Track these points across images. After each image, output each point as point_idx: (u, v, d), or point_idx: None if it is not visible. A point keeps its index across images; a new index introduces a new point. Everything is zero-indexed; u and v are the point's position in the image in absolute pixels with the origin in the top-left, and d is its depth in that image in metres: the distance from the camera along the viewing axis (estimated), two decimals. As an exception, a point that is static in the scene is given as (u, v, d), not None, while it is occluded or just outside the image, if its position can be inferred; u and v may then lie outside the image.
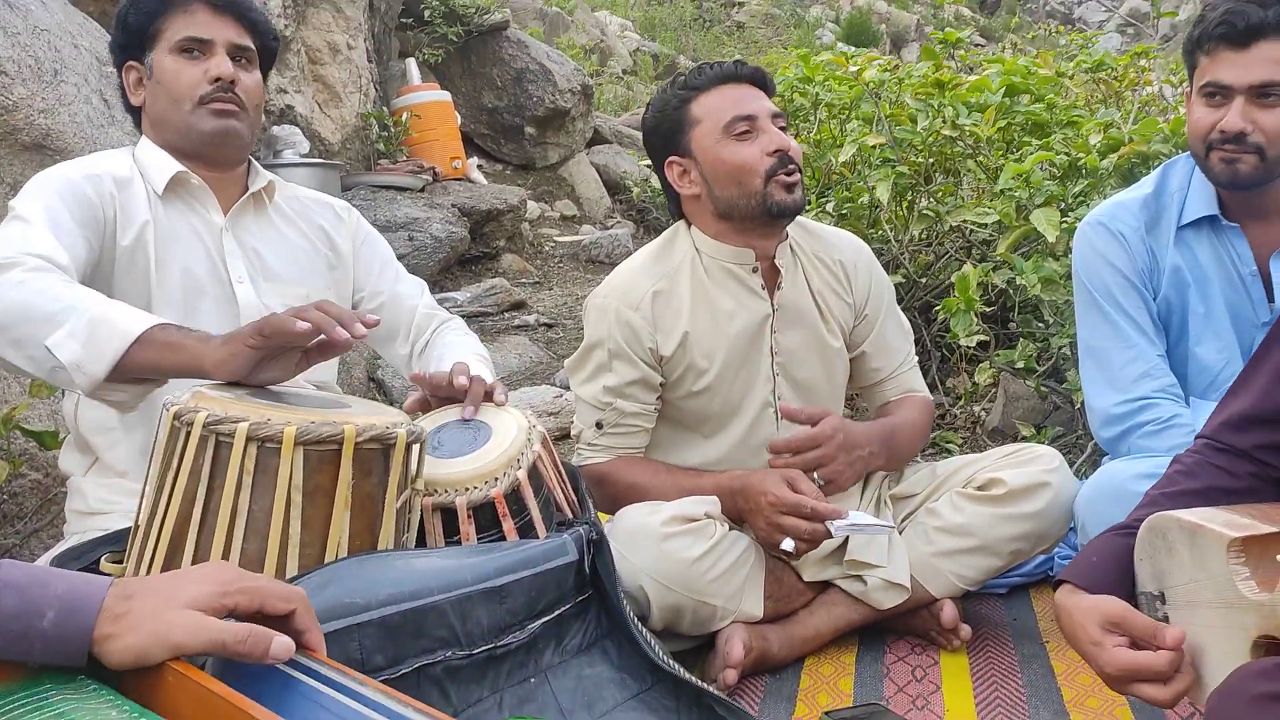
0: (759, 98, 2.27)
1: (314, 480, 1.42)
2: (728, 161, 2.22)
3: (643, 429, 2.32)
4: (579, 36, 12.09)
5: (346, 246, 2.24)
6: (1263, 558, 1.27)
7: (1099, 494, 2.11)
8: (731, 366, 2.30)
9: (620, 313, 2.26)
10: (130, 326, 1.59)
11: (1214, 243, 2.20)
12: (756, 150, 2.21)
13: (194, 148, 2.02)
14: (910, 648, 2.26)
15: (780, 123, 2.26)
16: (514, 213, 6.58)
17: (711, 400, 2.32)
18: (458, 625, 1.46)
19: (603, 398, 2.28)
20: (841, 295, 2.39)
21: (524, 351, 4.88)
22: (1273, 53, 1.99)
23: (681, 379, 2.29)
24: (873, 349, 2.44)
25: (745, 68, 2.30)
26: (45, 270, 1.68)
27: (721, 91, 2.26)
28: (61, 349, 1.58)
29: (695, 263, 2.32)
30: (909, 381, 2.48)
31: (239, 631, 0.99)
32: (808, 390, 2.37)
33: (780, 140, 2.21)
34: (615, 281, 2.33)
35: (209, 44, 1.99)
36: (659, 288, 2.28)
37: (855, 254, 2.44)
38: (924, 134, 3.80)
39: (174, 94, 1.99)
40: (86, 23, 3.70)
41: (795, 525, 2.06)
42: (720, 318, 2.29)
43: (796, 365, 2.35)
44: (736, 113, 2.22)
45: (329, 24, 6.06)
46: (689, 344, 2.27)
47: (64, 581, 0.98)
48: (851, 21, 19.34)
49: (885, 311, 2.45)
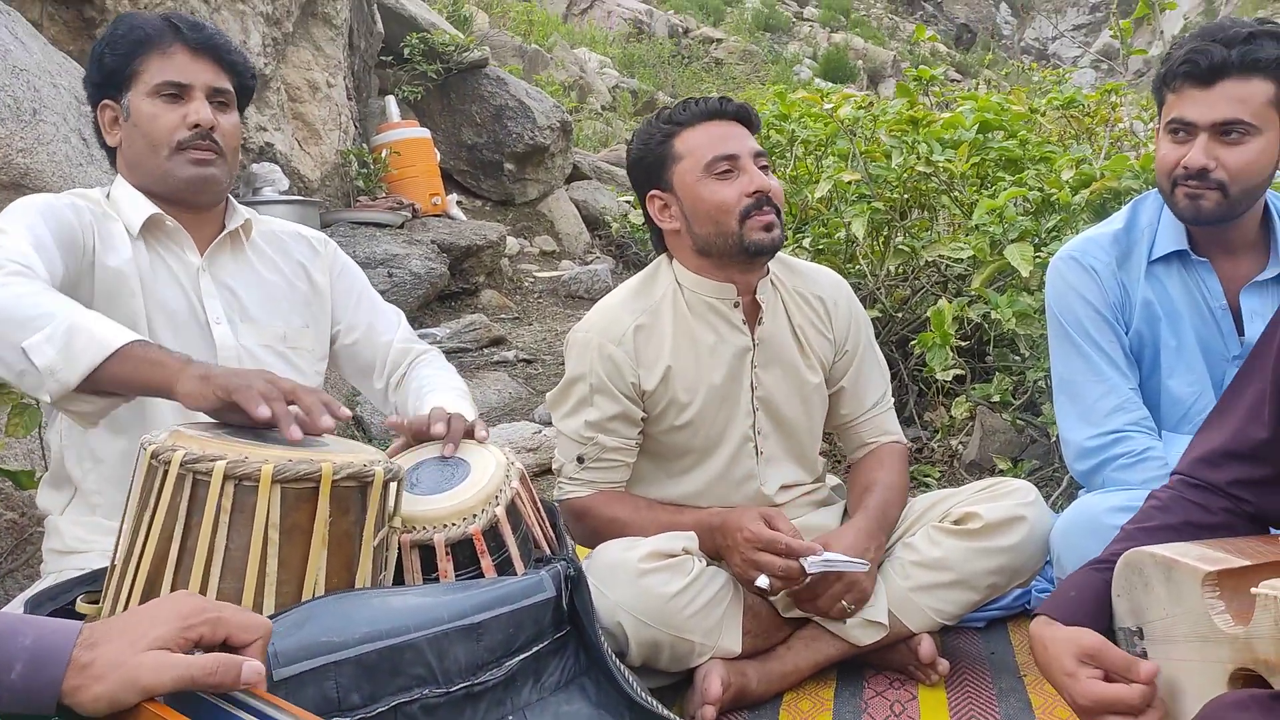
0: (742, 136, 2.27)
1: (291, 519, 1.42)
2: (706, 200, 2.23)
3: (624, 464, 2.33)
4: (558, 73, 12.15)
5: (324, 280, 2.23)
6: (1237, 591, 1.28)
7: (1073, 527, 2.13)
8: (713, 401, 2.30)
9: (602, 347, 2.27)
10: (109, 338, 1.59)
11: (1184, 277, 2.23)
12: (736, 191, 2.21)
13: (170, 193, 2.00)
14: (888, 682, 2.26)
15: (762, 161, 2.26)
16: (493, 249, 6.59)
17: (694, 435, 2.32)
18: (435, 663, 1.45)
19: (584, 432, 2.29)
20: (822, 331, 2.40)
21: (503, 387, 4.89)
22: (1236, 91, 2.02)
23: (664, 413, 2.30)
24: (850, 385, 2.45)
25: (731, 104, 2.30)
26: (26, 275, 1.67)
27: (706, 128, 2.26)
28: (37, 353, 1.57)
29: (677, 297, 2.33)
30: (885, 423, 2.48)
31: (207, 664, 0.99)
32: (788, 426, 2.38)
33: (760, 181, 2.21)
34: (597, 316, 2.34)
35: (187, 88, 1.97)
36: (641, 322, 2.29)
37: (835, 290, 2.45)
38: (899, 170, 3.84)
39: (151, 139, 1.97)
40: (66, 62, 3.72)
41: (770, 562, 2.07)
42: (702, 352, 2.30)
43: (776, 400, 2.36)
44: (718, 152, 2.22)
45: (309, 62, 6.08)
46: (671, 378, 2.28)
47: (32, 631, 0.98)
48: (829, 58, 19.52)
49: (864, 348, 2.46)
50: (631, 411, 2.29)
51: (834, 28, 23.23)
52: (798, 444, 2.41)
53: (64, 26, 4.66)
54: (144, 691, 0.96)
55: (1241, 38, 2.01)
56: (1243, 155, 2.05)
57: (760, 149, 2.28)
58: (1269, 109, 2.04)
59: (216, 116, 1.99)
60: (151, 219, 1.99)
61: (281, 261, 2.18)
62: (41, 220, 1.84)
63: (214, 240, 2.08)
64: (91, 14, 4.68)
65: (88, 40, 4.67)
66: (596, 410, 2.28)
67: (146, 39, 1.97)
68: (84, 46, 4.61)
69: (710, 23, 21.20)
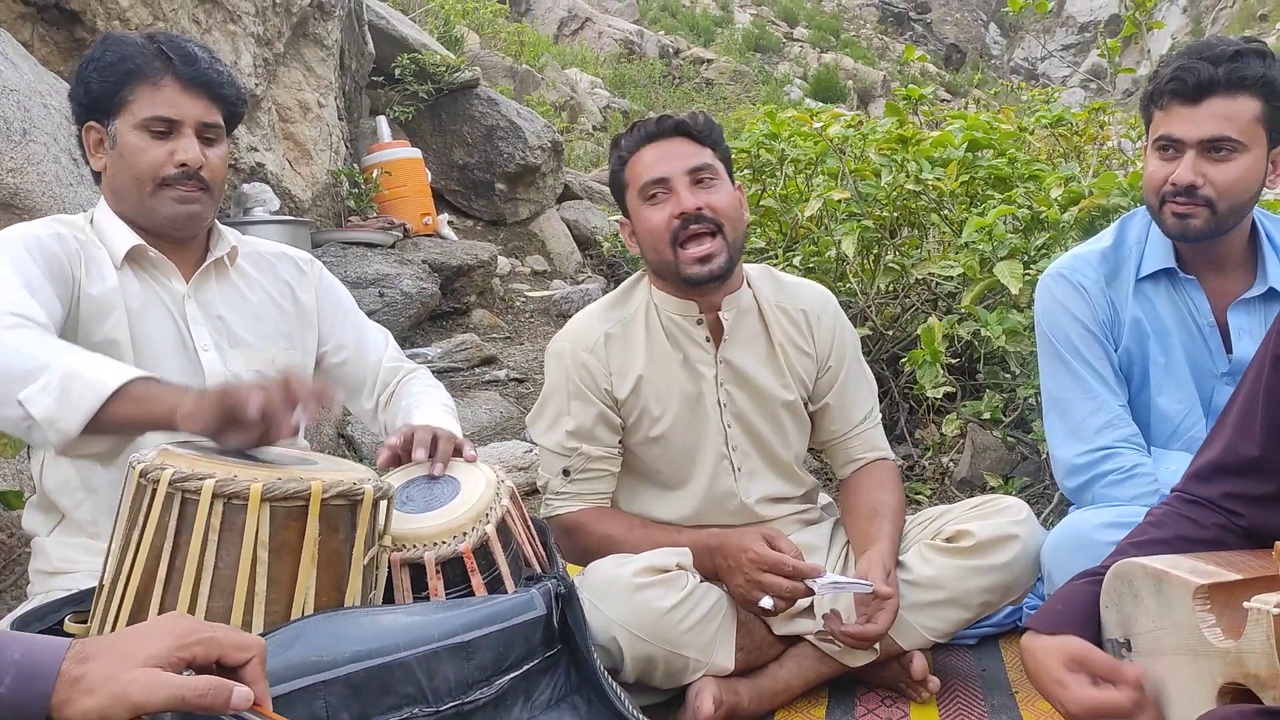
0: (681, 155, 2.23)
1: (280, 537, 1.42)
2: (642, 227, 2.25)
3: (609, 473, 2.33)
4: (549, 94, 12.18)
5: (309, 299, 2.22)
6: (1228, 605, 1.28)
7: (1064, 543, 2.13)
8: (684, 416, 2.31)
9: (575, 355, 2.30)
10: (106, 380, 1.58)
11: (1172, 295, 2.24)
12: (664, 216, 2.20)
13: (153, 226, 1.98)
14: (880, 700, 2.25)
15: (703, 175, 2.22)
16: (485, 268, 6.59)
17: (668, 448, 2.33)
18: (424, 682, 1.45)
19: (567, 443, 2.29)
20: (802, 346, 2.39)
21: (494, 406, 4.88)
22: (1222, 109, 2.04)
23: (638, 424, 2.31)
24: (836, 401, 2.43)
25: (668, 122, 2.26)
26: (22, 327, 1.66)
27: (645, 152, 2.25)
28: (34, 404, 1.56)
29: (650, 311, 2.34)
30: (874, 439, 2.46)
31: (198, 685, 0.98)
32: (762, 445, 2.38)
33: (686, 202, 2.18)
34: (571, 326, 2.37)
35: (177, 124, 1.93)
36: (611, 331, 2.31)
37: (821, 304, 2.44)
38: (888, 189, 3.85)
39: (136, 172, 1.93)
40: (56, 82, 3.72)
41: (776, 583, 2.06)
42: (672, 367, 2.31)
43: (746, 419, 2.35)
44: (649, 177, 2.22)
45: (300, 82, 6.09)
46: (642, 388, 2.29)
47: (21, 646, 0.97)
48: (819, 78, 19.62)
49: (850, 364, 2.44)
50: (609, 416, 2.30)
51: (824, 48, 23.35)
52: (774, 458, 2.40)
53: (54, 47, 4.67)
54: (134, 708, 0.96)
55: (1228, 55, 2.03)
56: (1230, 172, 2.06)
57: (705, 163, 2.23)
58: (1255, 126, 2.05)
59: (204, 151, 1.96)
60: (134, 249, 1.97)
61: (267, 283, 2.17)
62: (29, 257, 1.82)
63: (199, 267, 2.06)
64: (82, 34, 4.69)
65: (78, 61, 4.67)
66: (574, 419, 2.29)
67: (137, 70, 1.92)
68: (74, 67, 4.60)
69: (701, 43, 21.28)
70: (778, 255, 4.23)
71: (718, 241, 2.20)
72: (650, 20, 22.15)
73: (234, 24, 5.31)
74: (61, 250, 1.89)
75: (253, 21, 5.44)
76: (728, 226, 2.22)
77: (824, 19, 25.90)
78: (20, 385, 1.58)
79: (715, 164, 2.25)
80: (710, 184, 2.23)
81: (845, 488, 2.46)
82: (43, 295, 1.79)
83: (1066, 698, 1.38)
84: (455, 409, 2.23)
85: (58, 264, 1.86)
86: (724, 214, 2.21)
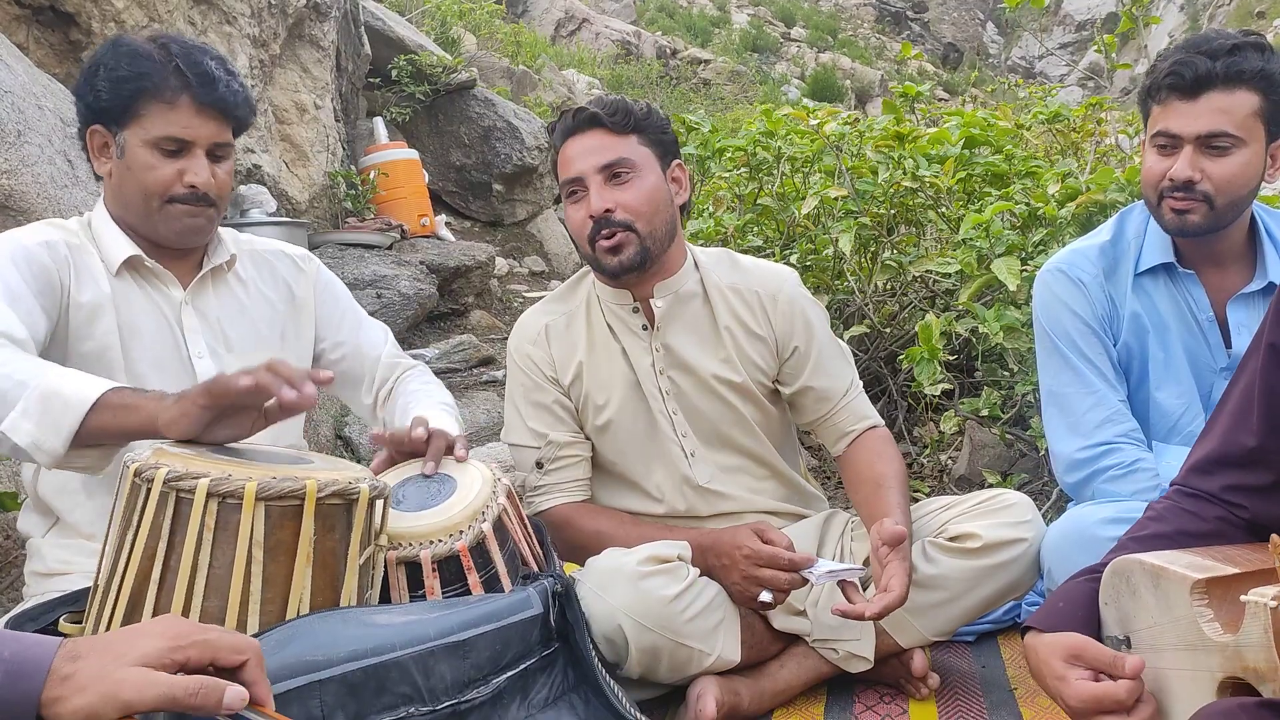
0: (593, 150, 2.21)
1: (275, 536, 1.41)
2: (568, 224, 2.30)
3: (581, 458, 2.35)
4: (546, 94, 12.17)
5: (307, 296, 2.22)
6: (1225, 599, 1.27)
7: (1064, 539, 2.12)
8: (629, 404, 2.32)
9: (519, 347, 2.37)
10: (83, 395, 1.57)
11: (1171, 290, 2.23)
12: (582, 214, 2.22)
13: (156, 239, 1.98)
14: (879, 697, 2.25)
15: (615, 169, 2.20)
16: (482, 269, 6.58)
17: (617, 437, 2.34)
18: (420, 681, 1.44)
19: (534, 428, 2.33)
20: (753, 328, 2.35)
21: (492, 407, 4.87)
22: (1220, 103, 2.03)
23: (584, 413, 2.35)
24: (816, 382, 2.37)
25: (583, 114, 2.24)
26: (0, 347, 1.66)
27: (566, 147, 2.25)
28: (16, 431, 1.56)
29: (593, 302, 2.37)
30: (860, 409, 2.40)
31: (190, 685, 0.97)
32: (712, 429, 2.36)
33: (594, 204, 2.18)
34: (520, 321, 2.43)
35: (189, 144, 1.92)
36: (550, 321, 2.37)
37: (777, 285, 2.39)
38: (885, 186, 3.85)
39: (143, 187, 1.92)
40: (51, 84, 3.72)
41: (774, 576, 2.06)
42: (612, 355, 2.33)
43: (691, 404, 2.34)
44: (565, 176, 2.24)
45: (296, 84, 6.08)
46: (584, 377, 2.33)
47: (12, 644, 0.97)
48: (816, 78, 19.64)
49: (819, 341, 2.38)
50: (564, 401, 2.34)
51: (821, 48, 23.37)
52: (729, 441, 2.37)
53: (50, 50, 4.67)
54: (124, 707, 0.95)
55: (1226, 50, 2.02)
56: (1228, 167, 2.05)
57: (619, 157, 2.20)
58: (1253, 120, 2.04)
59: (213, 169, 1.95)
60: (131, 259, 1.96)
61: (265, 284, 2.16)
62: (14, 268, 1.81)
63: (197, 274, 2.05)
64: (77, 36, 4.69)
65: (74, 63, 4.68)
66: (534, 408, 2.33)
67: (152, 88, 1.88)
68: (70, 70, 4.62)
69: (698, 44, 21.30)
70: (775, 253, 4.22)
71: (627, 235, 2.20)
72: (647, 21, 22.18)
73: (230, 25, 5.31)
74: (50, 259, 1.87)
75: (248, 23, 5.43)
76: (639, 223, 2.20)
77: (821, 19, 25.93)
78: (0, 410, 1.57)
79: (634, 154, 2.22)
80: (625, 179, 2.20)
81: (844, 465, 2.42)
82: (24, 307, 1.78)
83: (1067, 692, 1.37)
84: (455, 406, 2.22)
85: (45, 274, 1.85)
86: (635, 210, 2.19)
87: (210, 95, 1.91)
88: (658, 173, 2.26)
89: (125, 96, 1.88)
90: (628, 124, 2.23)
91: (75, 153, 3.41)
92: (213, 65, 1.92)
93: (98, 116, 1.93)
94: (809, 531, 2.38)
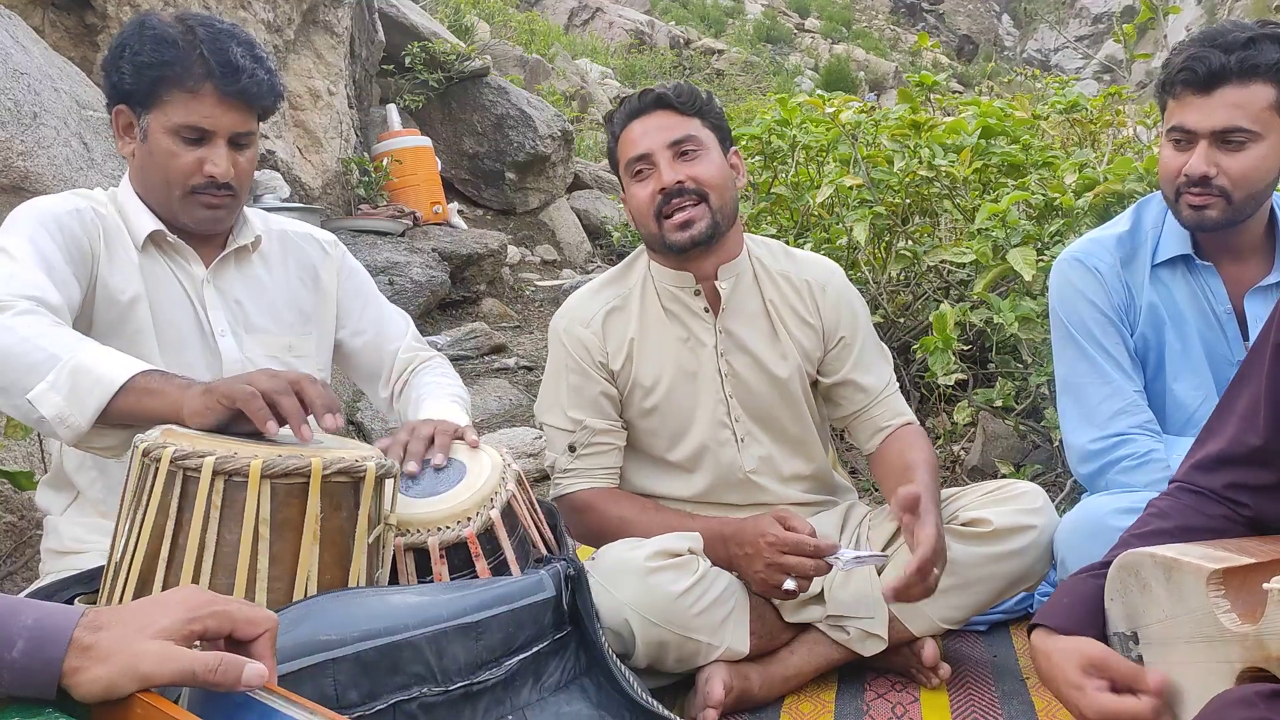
0: (663, 128, 2.24)
1: (282, 514, 1.41)
2: (630, 203, 2.30)
3: (615, 447, 2.34)
4: (559, 83, 12.17)
5: (331, 281, 2.22)
6: (1243, 589, 1.26)
7: (1077, 530, 2.11)
8: (679, 387, 2.32)
9: (571, 330, 2.34)
10: (114, 375, 1.57)
11: (1189, 281, 2.21)
12: (648, 191, 2.22)
13: (177, 223, 1.98)
14: (890, 685, 2.24)
15: (686, 147, 2.22)
16: (494, 257, 6.59)
17: (664, 421, 2.33)
18: (433, 661, 1.44)
19: (571, 414, 2.31)
20: (804, 316, 2.37)
21: (504, 394, 4.87)
22: (1235, 98, 2.00)
23: (630, 395, 2.33)
24: (857, 376, 2.39)
25: (649, 96, 2.28)
26: (34, 313, 1.65)
27: (630, 128, 2.27)
28: (43, 402, 1.56)
29: (648, 285, 2.36)
30: (896, 406, 2.43)
31: (209, 660, 0.97)
32: (766, 415, 2.36)
33: (666, 177, 2.20)
34: (570, 303, 2.40)
35: (210, 133, 1.90)
36: (611, 305, 2.35)
37: (827, 276, 2.42)
38: (900, 175, 3.83)
39: (165, 174, 1.91)
40: (66, 66, 3.72)
41: (800, 564, 2.05)
42: (667, 338, 2.32)
43: (747, 389, 2.34)
44: (631, 154, 2.25)
45: (310, 70, 6.09)
46: (634, 360, 2.31)
47: (35, 612, 0.97)
48: (830, 69, 19.59)
49: (863, 336, 2.42)
50: (608, 389, 2.33)
51: (835, 39, 23.32)
52: (780, 429, 2.38)
53: (65, 33, 4.68)
54: (143, 680, 0.95)
55: (1240, 43, 1.99)
56: (1244, 161, 2.03)
57: (687, 134, 2.23)
58: (1270, 113, 2.02)
59: (235, 157, 1.94)
60: (155, 234, 1.96)
61: (290, 265, 2.16)
62: (47, 235, 1.81)
63: (220, 252, 2.05)
64: (93, 20, 4.69)
65: (89, 47, 4.68)
66: (576, 393, 2.32)
67: (175, 76, 1.86)
68: (85, 53, 4.62)
69: (711, 34, 21.26)
70: (789, 242, 4.20)
71: (700, 208, 2.21)
72: (661, 11, 22.14)
73: (244, 10, 5.31)
74: (80, 227, 1.87)
75: (263, 8, 5.44)
76: (712, 195, 2.22)
77: (835, 10, 25.86)
78: (28, 377, 1.58)
79: (700, 134, 2.25)
80: (694, 155, 2.23)
81: (876, 461, 2.42)
82: (59, 276, 1.78)
83: (1083, 702, 1.35)
84: (467, 398, 2.21)
85: (76, 242, 1.85)
86: (707, 183, 2.22)
87: (233, 86, 1.88)
88: (721, 154, 2.29)
89: (148, 81, 1.87)
90: (694, 106, 2.27)
91: (90, 135, 3.41)
92: (239, 52, 1.89)
93: (122, 97, 1.92)
94: (832, 519, 2.38)
